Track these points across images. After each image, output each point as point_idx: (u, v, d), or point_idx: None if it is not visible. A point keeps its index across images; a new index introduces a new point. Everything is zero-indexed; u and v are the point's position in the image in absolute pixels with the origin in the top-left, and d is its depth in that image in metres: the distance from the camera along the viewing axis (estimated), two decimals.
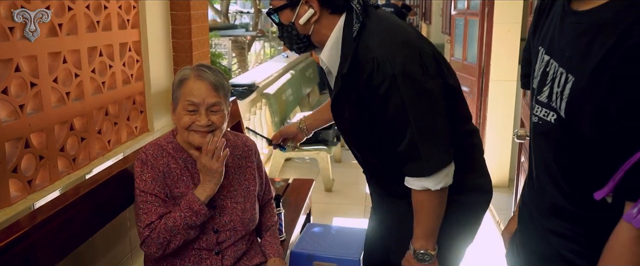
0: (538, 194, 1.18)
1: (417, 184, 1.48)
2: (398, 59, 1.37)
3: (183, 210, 1.62)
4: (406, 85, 1.37)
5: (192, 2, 2.74)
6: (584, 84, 0.96)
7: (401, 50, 1.39)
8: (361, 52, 1.42)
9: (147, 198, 1.65)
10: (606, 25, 0.93)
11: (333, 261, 2.30)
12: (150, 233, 1.62)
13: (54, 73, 1.83)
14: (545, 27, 1.13)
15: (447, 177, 1.46)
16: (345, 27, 1.47)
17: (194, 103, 1.62)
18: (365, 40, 1.43)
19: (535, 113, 1.12)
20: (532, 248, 1.22)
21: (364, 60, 1.41)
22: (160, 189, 1.67)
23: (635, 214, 0.90)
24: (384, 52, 1.38)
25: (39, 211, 1.56)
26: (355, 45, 1.44)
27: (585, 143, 0.99)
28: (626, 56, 0.88)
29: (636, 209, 0.90)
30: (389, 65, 1.37)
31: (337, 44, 1.49)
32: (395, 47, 1.40)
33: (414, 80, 1.38)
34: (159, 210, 1.64)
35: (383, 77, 1.38)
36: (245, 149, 1.85)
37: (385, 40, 1.41)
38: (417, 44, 1.43)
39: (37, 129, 1.75)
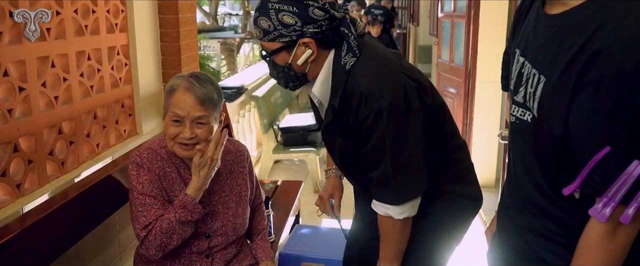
0: (516, 192, 1.21)
1: (381, 210, 1.54)
2: (384, 94, 1.40)
3: (176, 209, 1.62)
4: (389, 120, 1.41)
5: (181, 6, 2.76)
6: (553, 85, 1.00)
7: (387, 86, 1.42)
8: (350, 85, 1.45)
9: (146, 200, 1.64)
10: (574, 29, 0.97)
11: (321, 262, 2.33)
12: (147, 235, 1.61)
13: (43, 77, 1.84)
14: (523, 30, 1.17)
15: (412, 208, 1.52)
16: (334, 60, 1.48)
17: (179, 116, 1.61)
18: (354, 73, 1.45)
19: (512, 113, 1.16)
20: (510, 245, 1.25)
21: (352, 93, 1.44)
22: (158, 191, 1.67)
23: (600, 209, 0.95)
24: (371, 86, 1.41)
25: (28, 215, 1.57)
26: (345, 77, 1.46)
27: (558, 142, 1.02)
28: (590, 60, 0.92)
29: (601, 204, 0.95)
30: (375, 100, 1.40)
31: (328, 78, 1.50)
32: (382, 81, 1.42)
33: (397, 115, 1.41)
34: (158, 212, 1.64)
35: (369, 111, 1.41)
36: (237, 154, 1.86)
37: (373, 74, 1.44)
38: (402, 78, 1.45)
39: (25, 133, 1.76)
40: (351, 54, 1.46)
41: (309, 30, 1.42)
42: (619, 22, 0.91)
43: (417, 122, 1.46)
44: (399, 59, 1.56)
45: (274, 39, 1.44)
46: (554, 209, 1.10)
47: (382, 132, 1.42)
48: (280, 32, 1.42)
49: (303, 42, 1.44)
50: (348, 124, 1.50)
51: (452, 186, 1.64)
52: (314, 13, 1.41)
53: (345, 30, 1.47)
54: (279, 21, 1.41)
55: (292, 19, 1.40)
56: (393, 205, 1.50)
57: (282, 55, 1.47)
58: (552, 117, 1.02)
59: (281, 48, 1.46)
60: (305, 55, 1.45)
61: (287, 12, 1.40)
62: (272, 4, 1.41)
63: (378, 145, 1.45)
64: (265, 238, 1.97)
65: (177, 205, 1.63)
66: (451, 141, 1.65)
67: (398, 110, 1.41)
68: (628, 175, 0.91)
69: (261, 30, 1.45)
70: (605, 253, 0.98)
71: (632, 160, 0.91)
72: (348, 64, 1.45)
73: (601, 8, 0.95)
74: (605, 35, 0.91)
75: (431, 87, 1.59)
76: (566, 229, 1.08)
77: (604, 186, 0.94)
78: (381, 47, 1.58)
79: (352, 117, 1.46)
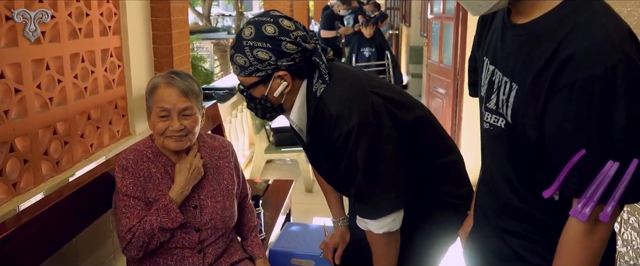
0: (493, 195, 1.25)
1: (362, 224, 1.61)
2: (352, 114, 1.46)
3: (159, 212, 1.68)
4: (359, 139, 1.46)
5: (173, 8, 2.81)
6: (526, 92, 1.05)
7: (355, 106, 1.47)
8: (321, 109, 1.51)
9: (130, 202, 1.71)
10: (544, 37, 1.02)
11: (311, 259, 2.37)
12: (132, 238, 1.68)
13: (38, 79, 1.89)
14: (488, 38, 1.21)
15: (393, 222, 1.57)
16: (308, 88, 1.54)
17: (165, 109, 1.69)
18: (324, 98, 1.51)
19: (486, 120, 1.20)
20: (489, 247, 1.29)
21: (323, 117, 1.50)
22: (141, 193, 1.73)
23: (580, 209, 0.99)
24: (339, 108, 1.47)
25: (23, 213, 1.62)
26: (317, 103, 1.51)
27: (533, 146, 1.07)
28: (562, 65, 0.97)
29: (580, 204, 0.99)
30: (344, 121, 1.46)
31: (303, 105, 1.57)
32: (349, 103, 1.48)
33: (367, 133, 1.47)
34: (141, 214, 1.71)
35: (339, 133, 1.47)
36: (222, 150, 1.93)
37: (340, 97, 1.49)
38: (369, 97, 1.51)
39: (21, 133, 1.81)
40: (321, 81, 1.52)
41: (283, 64, 1.48)
42: (586, 28, 0.96)
43: (389, 137, 1.51)
44: (368, 78, 1.61)
45: (251, 74, 1.50)
46: (531, 211, 1.15)
47: (354, 151, 1.48)
48: (256, 67, 1.48)
49: (278, 75, 1.50)
50: (325, 146, 1.56)
51: (446, 188, 1.68)
52: (287, 47, 1.47)
53: (317, 59, 1.52)
54: (254, 57, 1.47)
55: (266, 54, 1.46)
56: (371, 219, 1.56)
57: (259, 89, 1.54)
58: (526, 122, 1.06)
59: (257, 82, 1.52)
60: (281, 88, 1.51)
61: (261, 49, 1.46)
62: (246, 42, 1.47)
63: (351, 163, 1.50)
64: (257, 236, 2.03)
65: (160, 208, 1.69)
66: (438, 146, 1.70)
67: (368, 128, 1.47)
68: (604, 175, 0.96)
69: (238, 66, 1.51)
70: (585, 249, 1.03)
71: (607, 161, 0.95)
72: (319, 91, 1.51)
73: (568, 15, 1.00)
74: (575, 42, 0.96)
75: (408, 101, 1.64)
76: (544, 229, 1.13)
77: (582, 187, 0.98)
78: (350, 69, 1.63)
79: (326, 140, 1.52)
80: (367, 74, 1.65)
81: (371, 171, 1.51)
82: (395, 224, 1.58)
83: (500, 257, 1.25)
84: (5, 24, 1.71)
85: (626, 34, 0.98)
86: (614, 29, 0.96)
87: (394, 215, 1.56)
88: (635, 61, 0.94)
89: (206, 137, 1.94)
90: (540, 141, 1.05)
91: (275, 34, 1.46)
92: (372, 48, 7.86)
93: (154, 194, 1.75)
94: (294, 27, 1.50)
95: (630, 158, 0.95)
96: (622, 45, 0.94)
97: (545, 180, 1.05)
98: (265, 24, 1.47)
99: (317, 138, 1.58)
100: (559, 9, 1.02)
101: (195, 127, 1.75)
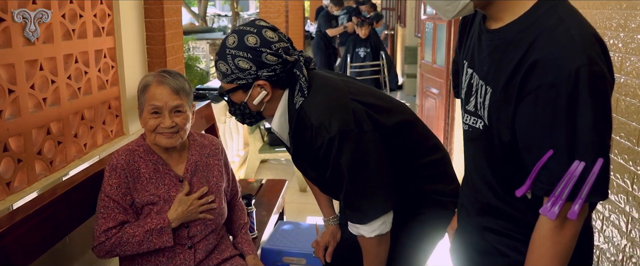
0: (473, 195, 1.29)
1: (354, 230, 1.64)
2: (333, 123, 1.49)
3: (152, 233, 1.74)
4: (341, 146, 1.50)
5: (166, 9, 2.84)
6: (499, 96, 1.09)
7: (336, 115, 1.51)
8: (301, 120, 1.54)
9: (109, 203, 1.75)
10: (512, 43, 1.06)
11: (302, 257, 2.41)
12: (105, 241, 1.72)
13: (31, 80, 1.92)
14: (468, 42, 1.25)
15: (383, 225, 1.60)
16: (289, 98, 1.58)
17: (157, 107, 1.74)
18: (304, 108, 1.54)
19: (465, 121, 1.24)
20: (472, 243, 1.34)
21: (304, 127, 1.54)
22: (123, 196, 1.77)
23: (549, 207, 1.03)
24: (320, 118, 1.50)
25: (17, 211, 1.65)
26: (297, 114, 1.55)
27: (507, 147, 1.11)
28: (529, 71, 1.01)
29: (550, 203, 1.03)
30: (324, 130, 1.49)
31: (284, 114, 1.60)
32: (329, 112, 1.51)
33: (349, 140, 1.50)
34: (118, 217, 1.75)
35: (321, 142, 1.50)
36: (212, 148, 1.97)
37: (320, 107, 1.53)
38: (350, 105, 1.54)
39: (15, 133, 1.83)
40: (301, 94, 1.55)
41: (264, 74, 1.52)
42: (551, 34, 1.00)
43: (372, 142, 1.54)
44: (348, 85, 1.63)
45: (232, 81, 1.55)
46: (509, 209, 1.19)
47: (338, 159, 1.51)
48: (237, 75, 1.52)
49: (258, 84, 1.54)
50: (308, 154, 1.60)
51: (433, 186, 1.72)
52: (267, 59, 1.50)
53: (298, 72, 1.56)
54: (235, 66, 1.51)
55: (247, 64, 1.50)
56: (362, 224, 1.60)
57: (239, 95, 1.58)
58: (500, 124, 1.10)
59: (237, 88, 1.56)
60: (260, 96, 1.55)
61: (242, 58, 1.50)
62: (229, 50, 1.51)
63: (336, 171, 1.54)
64: (247, 233, 2.07)
65: (155, 228, 1.74)
66: (423, 145, 1.73)
67: (350, 135, 1.50)
68: (571, 174, 0.99)
69: (220, 72, 1.56)
70: (555, 245, 1.06)
71: (574, 161, 0.99)
72: (298, 103, 1.55)
73: (535, 21, 1.04)
74: (540, 47, 1.00)
75: (389, 105, 1.67)
76: (522, 226, 1.16)
77: (551, 186, 1.02)
78: (330, 78, 1.65)
79: (309, 149, 1.56)
80: (348, 82, 1.68)
81: (357, 177, 1.54)
82: (386, 226, 1.61)
83: (481, 253, 1.29)
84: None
85: (590, 37, 1.01)
86: (578, 34, 1.00)
87: (384, 218, 1.60)
88: (599, 64, 0.98)
89: (196, 136, 1.97)
90: (514, 142, 1.09)
91: (257, 45, 1.49)
92: (368, 48, 7.90)
93: (141, 195, 1.78)
94: (277, 39, 1.53)
95: (595, 158, 0.98)
96: (585, 49, 0.98)
97: (521, 180, 1.08)
98: (248, 34, 1.51)
99: (301, 146, 1.61)
100: (527, 15, 1.06)
101: (186, 124, 1.79)
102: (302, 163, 1.72)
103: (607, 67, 1.02)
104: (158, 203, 1.80)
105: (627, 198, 1.88)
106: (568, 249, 1.07)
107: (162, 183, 1.82)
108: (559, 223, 1.05)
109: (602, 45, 1.03)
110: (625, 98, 1.91)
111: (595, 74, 0.97)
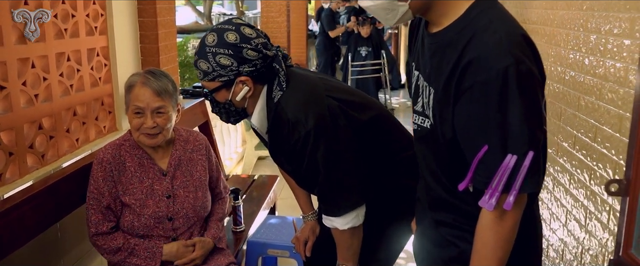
0: (426, 190, 1.37)
1: (328, 222, 1.72)
2: (309, 118, 1.55)
3: (145, 251, 1.86)
4: (317, 141, 1.56)
5: (159, 9, 2.93)
6: (440, 96, 1.15)
7: (311, 110, 1.56)
8: (278, 114, 1.61)
9: (97, 195, 1.85)
10: (449, 45, 1.13)
11: (285, 249, 2.48)
12: (100, 244, 1.85)
13: (23, 77, 2.01)
14: (415, 46, 1.32)
15: (356, 218, 1.68)
16: (267, 94, 1.64)
17: (139, 108, 1.82)
18: (281, 104, 1.60)
19: (415, 121, 1.30)
20: (427, 236, 1.41)
21: (281, 122, 1.60)
22: (108, 190, 1.86)
23: (487, 199, 1.09)
24: (296, 113, 1.56)
25: (7, 200, 1.75)
26: (275, 109, 1.61)
27: (451, 144, 1.17)
28: (464, 70, 1.08)
29: (487, 195, 1.09)
30: (301, 125, 1.56)
31: (263, 109, 1.66)
32: (306, 107, 1.57)
33: (324, 135, 1.57)
34: (106, 214, 1.85)
35: (297, 136, 1.57)
36: (196, 144, 2.05)
37: (297, 103, 1.59)
38: (325, 101, 1.61)
39: (6, 128, 1.93)
40: (279, 88, 1.61)
41: (245, 70, 1.56)
42: (482, 36, 1.07)
43: (345, 137, 1.61)
44: (323, 82, 1.70)
45: (214, 79, 1.58)
46: (458, 202, 1.25)
47: (313, 153, 1.58)
48: (219, 73, 1.57)
49: (240, 80, 1.58)
50: (285, 149, 1.66)
51: (407, 181, 1.74)
52: (248, 54, 1.56)
53: (277, 66, 1.62)
54: (216, 63, 1.55)
55: (228, 60, 1.55)
56: (335, 217, 1.68)
57: (222, 93, 1.62)
58: (443, 122, 1.17)
59: (220, 86, 1.60)
60: (243, 92, 1.60)
61: (223, 55, 1.55)
62: (209, 48, 1.56)
63: (311, 165, 1.60)
64: (217, 223, 2.09)
65: (148, 247, 1.86)
66: (397, 141, 1.79)
67: (325, 130, 1.57)
68: (504, 167, 1.05)
69: (201, 71, 1.60)
70: (496, 234, 1.13)
71: (507, 154, 1.05)
72: (276, 97, 1.61)
73: (467, 25, 1.11)
74: (473, 48, 1.07)
75: (363, 101, 1.74)
76: (470, 218, 1.21)
77: (488, 179, 1.08)
78: (307, 75, 1.72)
79: (286, 143, 1.62)
80: (324, 79, 1.74)
81: (331, 171, 1.61)
82: (359, 219, 1.69)
83: (435, 244, 1.37)
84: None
85: (518, 38, 1.08)
86: (506, 35, 1.06)
87: (357, 211, 1.67)
88: (526, 62, 1.04)
89: (182, 131, 2.06)
90: (456, 139, 1.15)
91: (237, 41, 1.55)
92: (369, 47, 7.95)
93: (125, 186, 1.87)
94: (255, 35, 1.59)
95: (526, 151, 1.05)
96: (513, 48, 1.04)
97: (465, 175, 1.14)
98: (227, 32, 1.56)
99: (278, 141, 1.68)
100: (461, 19, 1.13)
101: (167, 124, 1.87)
102: (279, 157, 1.79)
103: (537, 66, 1.09)
104: (140, 198, 1.88)
105: (586, 192, 1.95)
106: (509, 238, 1.13)
107: (147, 176, 1.90)
108: (498, 214, 1.10)
109: (531, 45, 1.10)
110: (585, 97, 1.98)
111: (522, 72, 1.03)
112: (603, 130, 1.82)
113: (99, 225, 1.84)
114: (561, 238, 2.18)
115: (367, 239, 1.77)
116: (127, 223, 1.87)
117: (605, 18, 1.80)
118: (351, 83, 7.44)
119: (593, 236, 1.89)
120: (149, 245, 1.87)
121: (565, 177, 2.15)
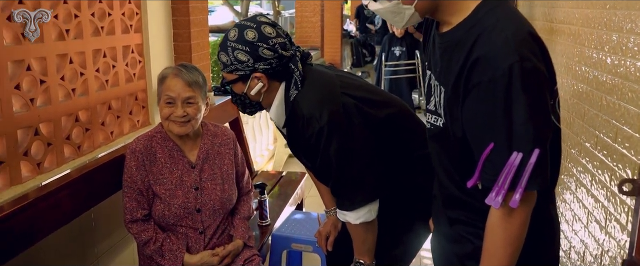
0: (440, 188, 1.39)
1: (341, 216, 1.77)
2: (323, 115, 1.60)
3: (168, 251, 1.96)
4: (330, 137, 1.61)
5: (192, 8, 3.04)
6: (450, 94, 1.17)
7: (326, 107, 1.61)
8: (295, 111, 1.66)
9: (129, 183, 1.96)
10: (458, 45, 1.15)
11: (309, 244, 2.54)
12: (134, 232, 1.96)
13: (62, 72, 2.13)
14: (428, 46, 1.35)
15: (369, 212, 1.71)
16: (286, 90, 1.70)
17: (171, 97, 1.92)
18: (298, 101, 1.66)
19: (428, 120, 1.33)
20: (442, 232, 1.44)
21: (297, 118, 1.66)
22: (141, 178, 1.96)
23: (494, 197, 1.11)
24: (311, 110, 1.61)
25: (45, 186, 1.87)
26: (291, 106, 1.67)
27: (461, 142, 1.19)
28: (471, 68, 1.10)
29: (494, 193, 1.11)
30: (315, 121, 1.61)
31: (281, 105, 1.72)
32: (321, 104, 1.62)
33: (337, 131, 1.61)
34: (142, 204, 1.96)
35: (311, 131, 1.62)
36: (224, 138, 2.13)
37: (312, 100, 1.64)
38: (340, 98, 1.65)
39: (45, 120, 2.05)
40: (295, 87, 1.67)
41: (260, 67, 1.63)
42: (489, 35, 1.09)
43: (360, 135, 1.65)
44: (341, 80, 1.74)
45: (231, 71, 1.66)
46: (470, 200, 1.27)
47: (327, 149, 1.63)
48: (236, 66, 1.64)
49: (255, 76, 1.65)
50: (301, 143, 1.72)
51: (422, 179, 1.75)
52: (264, 53, 1.62)
53: (293, 66, 1.67)
54: (234, 57, 1.63)
55: (245, 56, 1.62)
56: (348, 211, 1.72)
57: (239, 86, 1.70)
58: (453, 121, 1.19)
59: (237, 79, 1.68)
60: (257, 87, 1.67)
61: (240, 51, 1.62)
62: (229, 42, 1.64)
63: (325, 160, 1.65)
64: (244, 223, 2.17)
65: (173, 249, 1.96)
66: (414, 139, 1.80)
67: (339, 126, 1.61)
68: (510, 165, 1.07)
69: (222, 63, 1.69)
70: (505, 232, 1.14)
71: (513, 152, 1.07)
72: (292, 96, 1.67)
73: (475, 24, 1.13)
74: (480, 47, 1.09)
75: (381, 99, 1.78)
76: (483, 215, 1.22)
77: (494, 177, 1.10)
78: (324, 73, 1.76)
79: (302, 138, 1.68)
80: (341, 76, 1.79)
81: (344, 166, 1.66)
82: (371, 214, 1.72)
83: (450, 241, 1.39)
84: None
85: (525, 36, 1.09)
86: (512, 33, 1.08)
87: (369, 206, 1.71)
88: (531, 60, 1.06)
89: (210, 126, 2.14)
90: (466, 137, 1.17)
91: (255, 39, 1.62)
92: (403, 47, 7.93)
93: (156, 176, 1.97)
94: (275, 35, 1.65)
95: (532, 149, 1.06)
96: (519, 47, 1.06)
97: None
98: (248, 29, 1.64)
99: (294, 135, 1.74)
100: (469, 18, 1.15)
101: (197, 114, 1.96)
102: (297, 150, 1.85)
103: (544, 63, 1.10)
104: (170, 188, 1.97)
105: (606, 193, 1.94)
106: (518, 235, 1.14)
107: (176, 168, 1.99)
108: (506, 211, 1.12)
109: (538, 42, 1.11)
110: (606, 97, 1.96)
111: (526, 70, 1.05)
112: (623, 130, 1.81)
113: (134, 212, 1.94)
114: (582, 239, 2.17)
115: (382, 236, 1.80)
116: (158, 212, 1.96)
117: (627, 17, 1.79)
118: (384, 83, 7.43)
119: (612, 238, 1.88)
120: (172, 247, 1.96)
121: (588, 177, 2.14)
